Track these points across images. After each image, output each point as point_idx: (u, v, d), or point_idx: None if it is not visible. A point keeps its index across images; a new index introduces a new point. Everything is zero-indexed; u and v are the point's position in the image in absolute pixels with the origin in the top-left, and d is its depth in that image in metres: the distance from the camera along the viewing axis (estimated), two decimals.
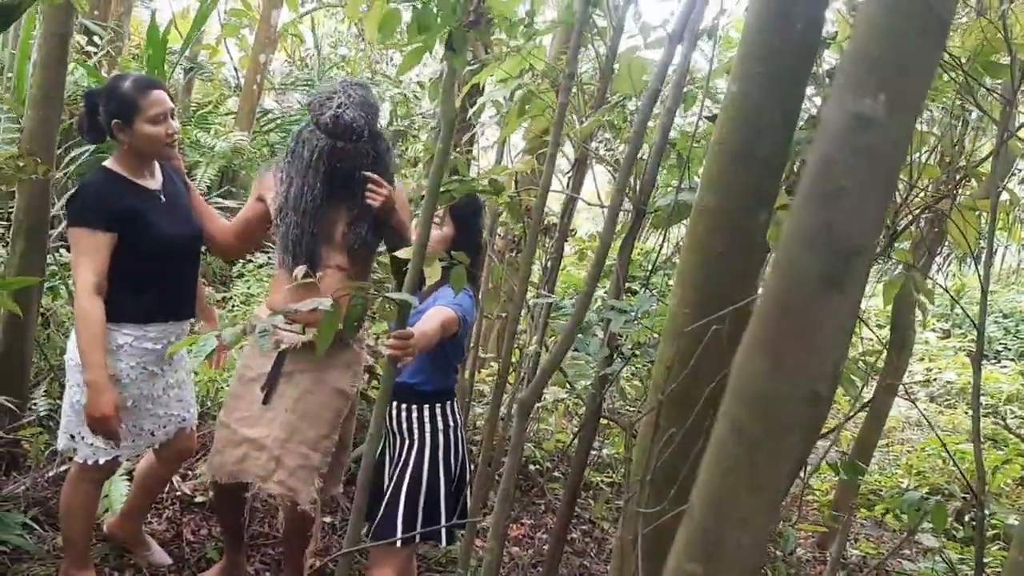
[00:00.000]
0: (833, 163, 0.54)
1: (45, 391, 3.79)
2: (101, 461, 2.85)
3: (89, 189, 2.76)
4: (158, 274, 2.82)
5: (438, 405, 2.84)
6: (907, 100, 0.53)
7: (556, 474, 4.79)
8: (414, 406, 2.82)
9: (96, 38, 6.45)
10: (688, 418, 1.52)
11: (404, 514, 2.72)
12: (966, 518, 4.96)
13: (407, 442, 2.83)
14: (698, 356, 1.58)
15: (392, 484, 2.79)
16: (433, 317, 2.55)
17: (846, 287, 0.54)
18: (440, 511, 2.77)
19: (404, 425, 2.83)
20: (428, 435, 2.81)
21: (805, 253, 0.54)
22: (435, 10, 1.89)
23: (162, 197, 2.87)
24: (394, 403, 2.83)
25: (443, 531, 2.81)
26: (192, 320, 3.07)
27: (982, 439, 2.66)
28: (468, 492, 2.93)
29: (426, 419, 2.83)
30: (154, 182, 2.87)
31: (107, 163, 2.84)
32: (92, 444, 2.82)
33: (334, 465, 3.03)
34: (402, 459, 2.82)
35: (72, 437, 2.85)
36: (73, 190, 2.78)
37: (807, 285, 0.53)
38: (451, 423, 2.86)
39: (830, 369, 0.54)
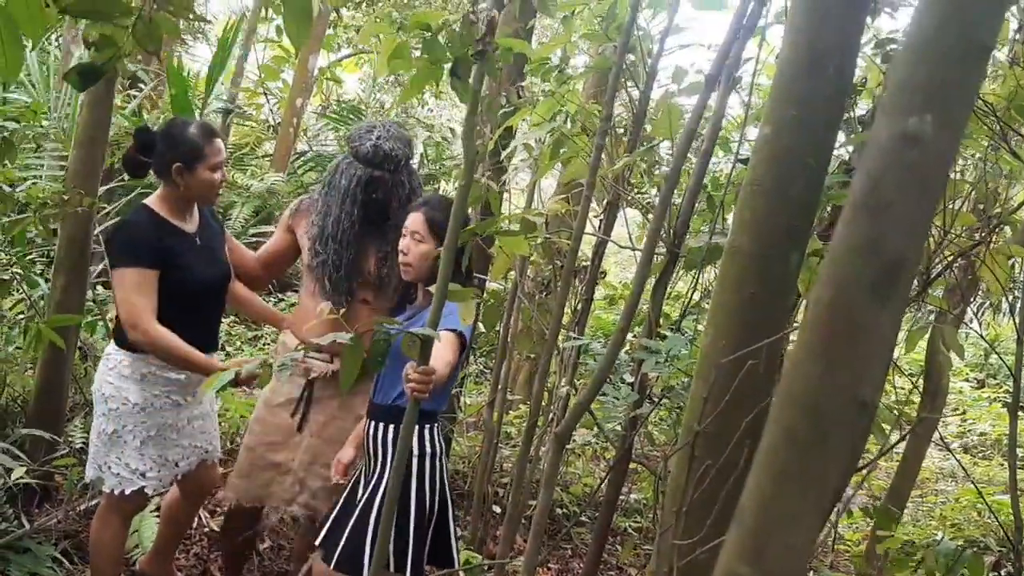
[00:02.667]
0: (881, 178, 0.56)
1: (80, 424, 3.84)
2: (128, 491, 2.87)
3: (132, 228, 2.82)
4: (186, 311, 2.85)
5: (417, 428, 2.63)
6: (952, 119, 0.56)
7: (583, 518, 4.75)
8: (391, 426, 2.66)
9: (140, 84, 6.62)
10: (721, 452, 1.52)
11: (371, 548, 2.54)
12: (1003, 572, 4.84)
13: (381, 465, 2.68)
14: (731, 391, 1.59)
15: (360, 510, 2.65)
16: (443, 349, 2.41)
17: (892, 296, 0.56)
18: (408, 544, 2.60)
19: (381, 447, 2.69)
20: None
21: (854, 262, 0.56)
22: (445, 42, 1.92)
23: (198, 240, 2.93)
24: (371, 422, 2.72)
25: (409, 566, 2.60)
26: (216, 353, 3.11)
27: (1019, 490, 2.61)
28: (452, 529, 2.77)
29: None
30: (191, 225, 2.92)
31: (148, 202, 2.88)
32: (118, 474, 2.85)
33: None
34: (372, 484, 2.68)
35: (99, 467, 2.89)
36: (113, 229, 2.83)
37: (856, 293, 0.55)
38: (428, 450, 2.68)
39: (876, 376, 0.56)
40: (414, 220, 2.70)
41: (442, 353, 2.36)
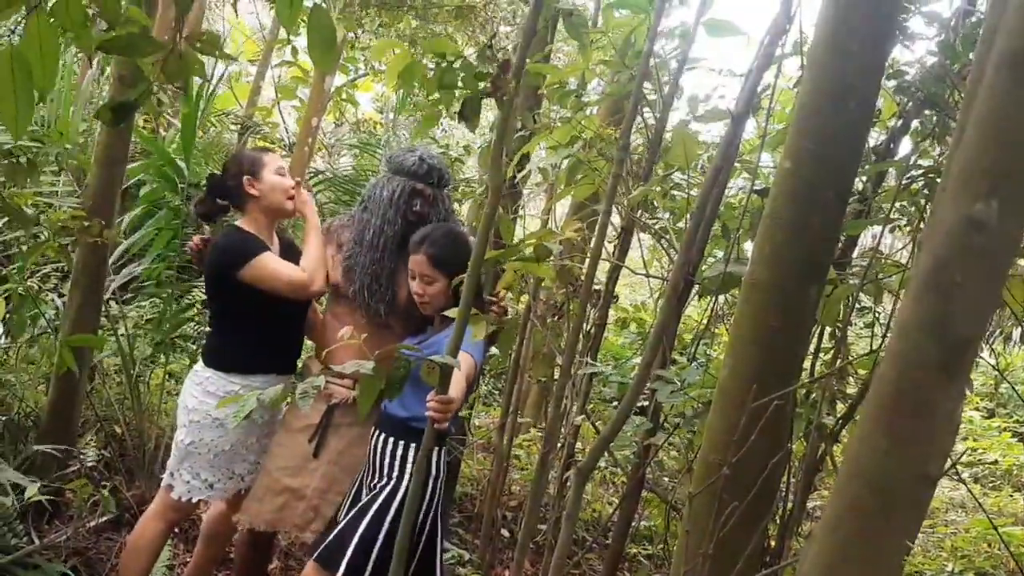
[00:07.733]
0: (948, 260, 0.56)
1: (92, 440, 3.85)
2: (195, 499, 3.00)
3: (231, 239, 2.95)
4: (266, 330, 2.99)
5: None
6: (1018, 205, 0.56)
7: (593, 544, 4.72)
8: (401, 442, 2.70)
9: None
10: (738, 486, 1.51)
11: (355, 549, 2.55)
12: None
13: (384, 479, 2.69)
14: (746, 426, 1.58)
15: (356, 511, 2.66)
16: (458, 374, 2.36)
17: (958, 374, 0.56)
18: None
19: (387, 460, 2.70)
20: (407, 478, 2.64)
21: (921, 342, 0.56)
22: (458, 72, 1.94)
23: None
24: (381, 434, 2.75)
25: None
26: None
27: None
28: (439, 550, 2.76)
29: (409, 459, 2.67)
30: (274, 248, 3.04)
31: (236, 223, 3.04)
32: (188, 482, 2.99)
33: None
34: (373, 493, 2.68)
35: (171, 474, 3.02)
36: (212, 252, 2.96)
37: (923, 371, 0.56)
38: (434, 472, 2.68)
39: (941, 451, 0.56)
40: (418, 263, 2.72)
41: (457, 378, 2.34)
